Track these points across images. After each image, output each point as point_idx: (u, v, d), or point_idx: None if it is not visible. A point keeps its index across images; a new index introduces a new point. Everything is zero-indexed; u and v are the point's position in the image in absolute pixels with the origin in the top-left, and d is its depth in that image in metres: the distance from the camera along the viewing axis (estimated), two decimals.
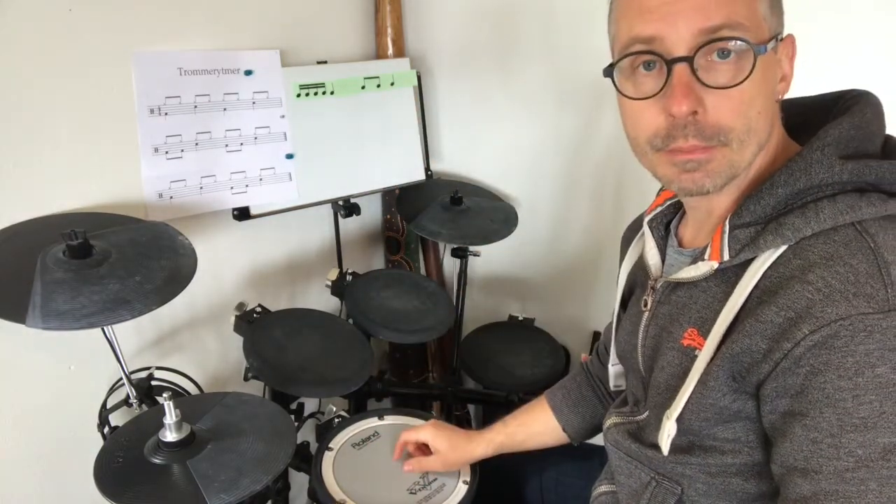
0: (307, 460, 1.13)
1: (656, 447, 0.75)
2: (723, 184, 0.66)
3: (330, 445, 1.09)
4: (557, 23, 1.52)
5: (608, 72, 0.69)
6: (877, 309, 0.56)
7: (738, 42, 0.61)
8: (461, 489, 1.03)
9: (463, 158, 1.79)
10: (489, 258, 1.82)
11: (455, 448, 1.04)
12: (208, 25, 1.24)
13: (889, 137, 0.68)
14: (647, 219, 0.84)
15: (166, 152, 1.20)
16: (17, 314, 0.85)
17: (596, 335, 1.77)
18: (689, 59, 0.61)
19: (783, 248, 0.63)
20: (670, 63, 0.62)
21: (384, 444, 1.12)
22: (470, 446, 1.04)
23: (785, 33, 0.68)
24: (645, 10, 0.63)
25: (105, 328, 1.02)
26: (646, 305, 0.81)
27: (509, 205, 1.67)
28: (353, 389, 1.22)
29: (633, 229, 0.92)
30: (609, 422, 0.89)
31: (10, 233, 1.01)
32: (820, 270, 0.59)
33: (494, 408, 1.73)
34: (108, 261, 0.96)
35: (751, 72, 0.61)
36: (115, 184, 1.15)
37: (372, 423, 1.16)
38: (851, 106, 0.67)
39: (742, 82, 0.61)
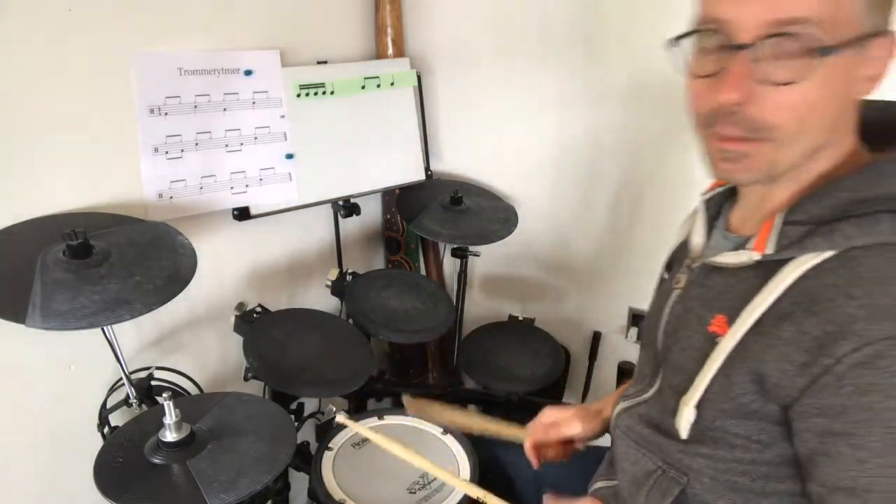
0: (307, 460, 1.13)
1: (669, 434, 0.75)
2: (757, 180, 0.66)
3: (330, 445, 1.09)
4: (557, 22, 1.53)
5: (675, 41, 0.67)
6: None
7: (805, 38, 0.58)
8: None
9: (463, 158, 1.79)
10: (489, 258, 1.82)
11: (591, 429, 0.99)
12: (208, 25, 1.24)
13: None
14: (704, 198, 0.82)
15: (166, 152, 1.20)
16: (17, 314, 0.85)
17: (596, 335, 1.77)
18: (749, 48, 0.59)
19: (829, 253, 0.61)
20: (731, 49, 0.61)
21: None
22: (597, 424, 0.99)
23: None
24: None
25: (105, 328, 1.03)
26: (678, 283, 0.80)
27: (509, 205, 1.67)
28: (353, 389, 1.22)
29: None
30: (619, 408, 0.88)
31: (10, 233, 1.01)
32: (867, 286, 0.57)
33: (494, 408, 1.73)
34: (108, 261, 0.96)
35: (811, 72, 0.58)
36: (115, 184, 1.15)
37: (372, 423, 1.16)
38: None
39: (798, 82, 0.59)
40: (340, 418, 0.97)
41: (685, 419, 0.71)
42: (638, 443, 0.82)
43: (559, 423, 0.99)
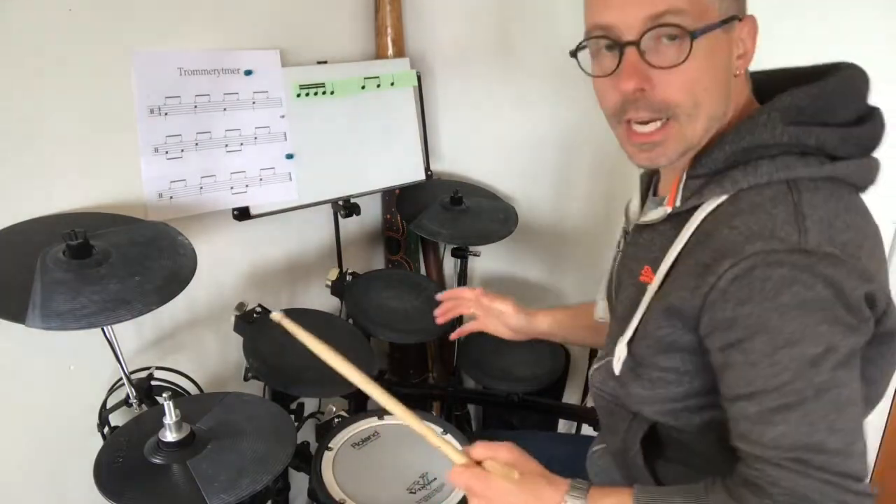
0: (307, 460, 1.12)
1: (621, 381, 0.82)
2: (677, 158, 0.74)
3: (330, 445, 1.09)
4: (557, 21, 1.52)
5: (573, 53, 0.78)
6: (788, 248, 0.63)
7: (677, 27, 0.68)
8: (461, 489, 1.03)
9: (463, 158, 1.79)
10: (489, 258, 1.82)
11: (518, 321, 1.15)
12: (208, 25, 1.24)
13: (872, 109, 0.74)
14: (640, 174, 0.93)
15: (166, 152, 1.20)
16: (17, 314, 0.85)
17: None
18: (636, 43, 0.69)
19: (723, 197, 0.71)
20: (622, 46, 0.70)
21: (384, 444, 1.12)
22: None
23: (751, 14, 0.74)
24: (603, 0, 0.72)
25: (105, 328, 1.03)
26: (619, 247, 0.92)
27: (509, 205, 1.67)
28: (353, 389, 1.22)
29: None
30: (591, 370, 0.94)
31: (10, 233, 1.01)
32: (744, 217, 0.67)
33: (494, 408, 1.73)
34: (108, 261, 0.96)
35: (688, 54, 0.68)
36: (115, 184, 1.15)
37: (372, 423, 1.16)
38: (824, 76, 0.72)
39: (682, 63, 0.68)
40: (276, 316, 0.90)
41: (617, 356, 0.80)
42: (611, 394, 0.88)
43: (494, 297, 1.17)
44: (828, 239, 0.64)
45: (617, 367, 0.80)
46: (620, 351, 0.79)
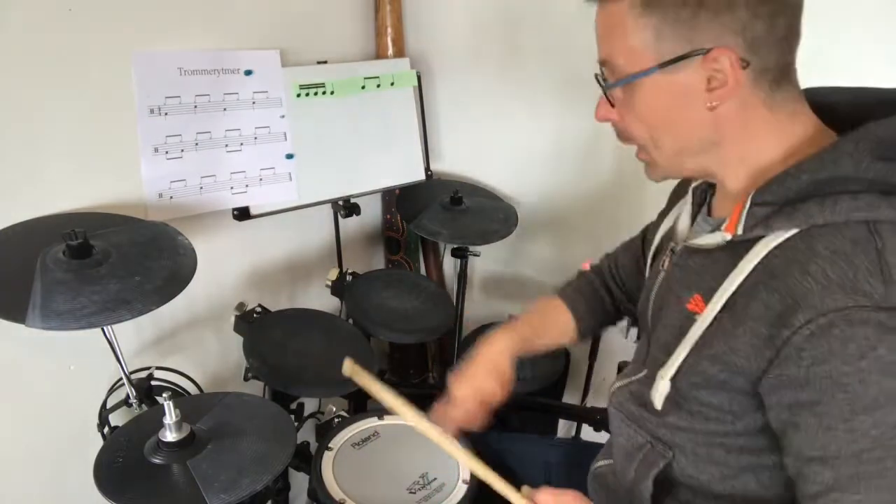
0: (307, 460, 1.13)
1: (651, 408, 0.78)
2: (664, 177, 0.78)
3: (330, 445, 1.09)
4: (558, 22, 1.53)
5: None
6: (873, 305, 0.58)
7: (606, 74, 0.73)
8: (461, 489, 1.03)
9: (463, 158, 1.79)
10: (489, 258, 1.82)
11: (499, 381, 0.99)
12: (208, 25, 1.24)
13: None
14: (693, 185, 0.87)
15: (166, 152, 1.20)
16: (17, 314, 0.85)
17: (596, 335, 1.76)
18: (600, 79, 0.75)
19: (793, 231, 0.64)
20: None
21: (384, 444, 1.12)
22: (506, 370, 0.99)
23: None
24: None
25: (105, 328, 1.03)
26: (663, 266, 0.85)
27: (509, 205, 1.67)
28: (353, 389, 1.22)
29: (684, 185, 0.93)
30: (614, 387, 0.92)
31: (10, 233, 1.01)
32: (822, 262, 0.61)
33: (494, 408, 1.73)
34: (108, 261, 0.96)
35: (623, 98, 0.72)
36: (115, 184, 1.15)
37: (372, 423, 1.16)
38: None
39: (618, 105, 0.73)
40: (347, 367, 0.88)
41: (659, 392, 0.75)
42: (629, 418, 0.85)
43: (478, 387, 0.97)
44: None
45: (658, 401, 0.76)
46: (664, 387, 0.75)
